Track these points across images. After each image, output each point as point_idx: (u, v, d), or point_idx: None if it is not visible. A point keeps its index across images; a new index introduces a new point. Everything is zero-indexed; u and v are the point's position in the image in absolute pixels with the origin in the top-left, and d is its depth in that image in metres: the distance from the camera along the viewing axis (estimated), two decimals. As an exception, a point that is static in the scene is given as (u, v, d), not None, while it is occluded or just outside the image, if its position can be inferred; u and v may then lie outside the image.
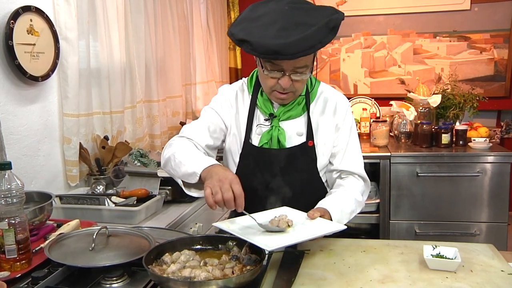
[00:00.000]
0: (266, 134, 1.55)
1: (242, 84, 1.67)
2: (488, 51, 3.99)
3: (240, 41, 1.38)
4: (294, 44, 1.30)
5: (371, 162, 3.15)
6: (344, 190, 1.55)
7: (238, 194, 1.24)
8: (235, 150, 1.61)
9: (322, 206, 1.43)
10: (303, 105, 1.57)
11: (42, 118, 1.99)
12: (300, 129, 1.57)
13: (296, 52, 1.31)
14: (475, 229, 3.13)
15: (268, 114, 1.56)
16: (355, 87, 4.27)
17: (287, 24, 1.34)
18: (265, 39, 1.33)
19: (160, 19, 2.92)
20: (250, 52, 1.37)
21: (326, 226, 1.29)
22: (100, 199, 1.88)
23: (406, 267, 1.27)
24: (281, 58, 1.34)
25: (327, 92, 1.64)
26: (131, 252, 1.28)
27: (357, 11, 4.16)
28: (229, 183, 1.25)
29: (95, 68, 2.32)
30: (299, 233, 1.26)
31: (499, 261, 1.28)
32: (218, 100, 1.65)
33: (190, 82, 3.47)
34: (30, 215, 1.46)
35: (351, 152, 1.62)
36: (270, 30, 1.34)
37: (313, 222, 1.33)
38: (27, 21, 1.84)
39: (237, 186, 1.25)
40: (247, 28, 1.39)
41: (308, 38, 1.31)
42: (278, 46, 1.30)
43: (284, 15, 1.36)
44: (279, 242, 1.18)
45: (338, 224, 1.32)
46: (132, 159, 2.43)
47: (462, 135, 3.25)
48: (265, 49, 1.33)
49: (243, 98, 1.63)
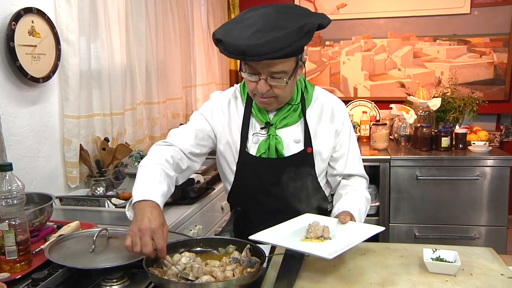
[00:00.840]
0: (264, 143, 1.54)
1: (235, 91, 1.65)
2: (488, 55, 3.99)
3: (217, 41, 1.38)
4: (261, 46, 1.28)
5: (371, 165, 3.15)
6: (354, 190, 1.58)
7: (160, 248, 1.16)
8: (231, 159, 1.60)
9: (345, 210, 1.44)
10: (299, 112, 1.56)
11: (42, 120, 1.99)
12: (298, 136, 1.56)
13: (262, 53, 1.28)
14: (475, 233, 3.13)
15: (265, 123, 1.55)
16: (355, 90, 4.28)
17: (264, 27, 1.31)
18: (237, 40, 1.32)
19: (161, 21, 2.92)
20: (223, 52, 1.37)
21: (365, 230, 1.31)
22: (100, 201, 1.89)
23: (406, 270, 1.27)
24: (248, 59, 1.32)
25: (322, 97, 1.63)
26: (131, 254, 1.27)
27: (358, 14, 4.17)
28: (150, 235, 1.16)
29: (96, 69, 2.32)
30: (343, 238, 1.27)
31: (499, 265, 1.28)
32: (209, 107, 1.62)
33: (190, 84, 3.47)
34: (30, 217, 1.46)
35: (353, 155, 1.64)
36: (246, 32, 1.32)
37: (347, 227, 1.34)
38: (28, 22, 1.84)
39: (159, 240, 1.16)
40: (229, 29, 1.38)
41: (276, 40, 1.28)
42: (246, 47, 1.29)
43: (266, 18, 1.34)
44: (334, 249, 1.16)
45: (376, 226, 1.33)
46: (132, 161, 2.43)
47: (461, 138, 3.26)
48: (233, 49, 1.32)
49: (236, 106, 1.61)
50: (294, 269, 1.25)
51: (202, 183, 2.33)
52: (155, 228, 1.18)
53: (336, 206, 1.51)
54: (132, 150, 2.41)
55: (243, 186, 1.60)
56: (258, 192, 1.57)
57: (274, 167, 1.54)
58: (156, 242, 1.16)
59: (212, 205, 2.38)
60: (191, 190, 2.18)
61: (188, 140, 1.55)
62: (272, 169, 1.54)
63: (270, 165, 1.54)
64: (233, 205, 1.71)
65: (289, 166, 1.54)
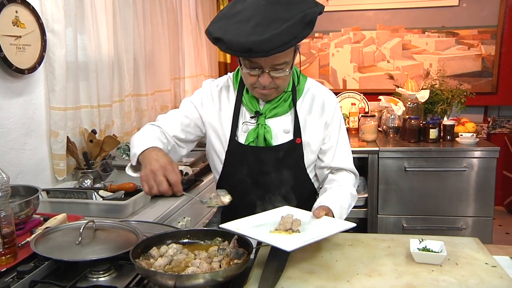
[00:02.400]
0: (252, 132, 1.54)
1: (227, 80, 1.64)
2: (476, 47, 4.02)
3: (216, 40, 1.35)
4: (268, 41, 1.26)
5: (360, 156, 3.17)
6: (339, 185, 1.56)
7: (173, 182, 1.23)
8: (220, 148, 1.60)
9: (323, 204, 1.43)
10: (290, 102, 1.56)
11: (28, 112, 1.97)
12: (287, 126, 1.56)
13: (270, 49, 1.27)
14: (462, 223, 3.17)
15: (254, 112, 1.55)
16: (344, 82, 4.28)
17: (262, 20, 1.30)
18: (239, 37, 1.30)
19: (149, 12, 2.90)
20: (225, 51, 1.34)
21: (336, 225, 1.30)
22: (88, 193, 1.88)
23: (392, 260, 1.28)
24: (255, 55, 1.31)
25: (314, 88, 1.62)
26: (118, 246, 1.28)
27: (347, 6, 4.17)
28: (162, 173, 1.23)
29: (83, 61, 2.30)
30: (311, 232, 1.26)
31: (484, 254, 1.30)
32: (199, 95, 1.63)
33: (179, 76, 3.45)
34: (16, 209, 1.45)
35: (342, 148, 1.63)
36: (245, 27, 1.30)
37: (321, 221, 1.34)
38: (12, 12, 1.81)
39: (171, 175, 1.23)
40: (224, 25, 1.36)
41: (283, 34, 1.27)
42: (251, 44, 1.27)
43: (260, 11, 1.33)
44: (295, 242, 1.17)
45: (347, 222, 1.32)
46: (120, 153, 2.41)
47: (449, 130, 3.29)
48: (238, 47, 1.30)
49: (227, 95, 1.61)
50: (282, 260, 1.25)
51: (191, 175, 2.32)
52: (165, 165, 1.24)
53: (317, 201, 1.50)
54: (119, 142, 2.40)
55: (231, 175, 1.60)
56: (246, 182, 1.57)
57: (262, 156, 1.54)
58: (169, 177, 1.23)
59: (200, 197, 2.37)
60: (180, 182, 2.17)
61: (174, 124, 1.58)
62: (259, 158, 1.54)
63: (257, 153, 1.54)
64: None
65: (277, 155, 1.54)
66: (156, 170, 1.23)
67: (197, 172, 2.41)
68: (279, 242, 1.16)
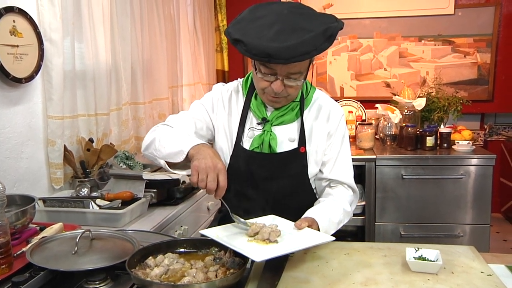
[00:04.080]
0: (258, 138, 1.54)
1: (237, 85, 1.65)
2: (472, 55, 4.05)
3: (235, 41, 1.36)
4: (288, 49, 1.27)
5: (357, 164, 3.17)
6: (333, 199, 1.55)
7: (221, 186, 1.26)
8: (226, 151, 1.60)
9: (310, 216, 1.42)
10: (297, 111, 1.56)
11: (25, 120, 1.97)
12: (293, 134, 1.56)
13: (290, 57, 1.29)
14: (459, 231, 3.17)
15: (261, 118, 1.55)
16: (342, 90, 4.30)
17: (284, 28, 1.31)
18: (260, 41, 1.30)
19: (147, 20, 2.91)
20: (244, 53, 1.35)
21: (314, 238, 1.29)
22: (85, 202, 1.87)
23: (389, 269, 1.28)
24: (274, 61, 1.31)
25: (321, 99, 1.63)
26: (115, 255, 1.27)
27: (344, 15, 4.18)
28: (216, 173, 1.26)
29: (80, 70, 2.30)
30: (287, 243, 1.26)
31: (479, 263, 1.30)
32: (210, 98, 1.63)
33: (176, 84, 3.46)
34: (11, 219, 1.45)
35: (342, 161, 1.61)
36: (266, 32, 1.31)
37: (301, 233, 1.33)
38: (9, 22, 1.82)
39: (222, 178, 1.26)
40: (244, 28, 1.36)
41: (304, 44, 1.28)
42: (272, 49, 1.28)
43: (283, 18, 1.34)
44: (267, 253, 1.18)
45: (326, 235, 1.32)
46: (118, 162, 2.41)
47: (446, 138, 3.30)
48: (259, 51, 1.31)
49: (237, 100, 1.62)
50: (278, 270, 1.25)
51: (188, 183, 2.32)
52: (222, 168, 1.27)
53: (306, 213, 1.48)
54: (117, 150, 2.40)
55: (234, 179, 1.59)
56: (248, 187, 1.57)
57: (265, 162, 1.54)
58: (220, 179, 1.26)
59: (198, 205, 2.37)
60: (177, 191, 2.18)
61: (187, 126, 1.58)
62: (263, 164, 1.54)
63: (261, 159, 1.54)
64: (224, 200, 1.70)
65: (280, 162, 1.54)
66: (213, 167, 1.26)
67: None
68: (250, 252, 1.16)
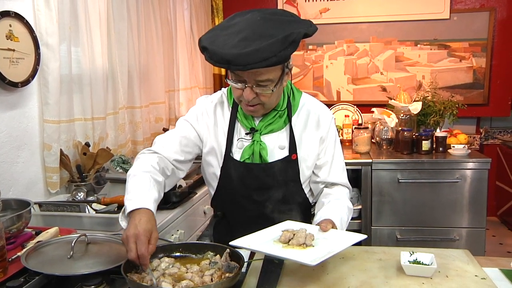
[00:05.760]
0: (248, 149, 1.54)
1: (221, 96, 1.64)
2: (467, 59, 4.07)
3: (202, 49, 1.37)
4: (247, 55, 1.26)
5: (353, 168, 3.18)
6: (336, 199, 1.56)
7: (140, 254, 1.16)
8: (215, 164, 1.59)
9: (326, 217, 1.43)
10: (285, 118, 1.56)
11: (21, 124, 1.97)
12: (282, 142, 1.56)
13: (247, 63, 1.27)
14: (455, 234, 3.18)
15: (249, 128, 1.55)
16: (338, 94, 4.31)
17: (250, 35, 1.30)
18: (222, 48, 1.30)
19: (143, 25, 2.91)
20: (208, 60, 1.35)
21: (347, 237, 1.30)
22: (81, 206, 1.87)
23: (384, 273, 1.28)
24: (233, 68, 1.31)
25: (309, 103, 1.62)
26: (110, 259, 1.27)
27: (340, 19, 4.21)
28: (134, 242, 1.17)
29: (77, 74, 2.30)
30: (325, 246, 1.26)
31: (474, 266, 1.31)
32: (194, 113, 1.62)
33: (173, 89, 3.46)
34: (7, 223, 1.44)
35: (337, 164, 1.63)
36: (231, 40, 1.31)
37: (329, 234, 1.33)
38: (6, 26, 1.82)
39: (140, 246, 1.17)
40: (214, 36, 1.37)
41: (261, 50, 1.27)
42: (231, 56, 1.28)
43: (253, 25, 1.33)
44: (315, 256, 1.16)
45: (358, 234, 1.32)
46: (114, 166, 2.41)
47: (442, 141, 3.31)
48: (219, 57, 1.31)
49: (222, 111, 1.61)
50: (274, 275, 1.25)
51: (184, 187, 2.32)
52: (138, 234, 1.18)
53: (318, 214, 1.49)
54: (113, 154, 2.40)
55: (226, 191, 1.60)
56: (241, 197, 1.57)
57: (258, 172, 1.54)
58: (138, 247, 1.17)
59: (194, 209, 2.37)
60: (173, 195, 2.18)
61: (172, 147, 1.56)
62: (255, 174, 1.54)
63: (253, 170, 1.54)
64: (217, 210, 1.71)
65: (272, 172, 1.53)
66: (130, 236, 1.18)
67: (191, 185, 2.41)
68: (300, 257, 1.15)
